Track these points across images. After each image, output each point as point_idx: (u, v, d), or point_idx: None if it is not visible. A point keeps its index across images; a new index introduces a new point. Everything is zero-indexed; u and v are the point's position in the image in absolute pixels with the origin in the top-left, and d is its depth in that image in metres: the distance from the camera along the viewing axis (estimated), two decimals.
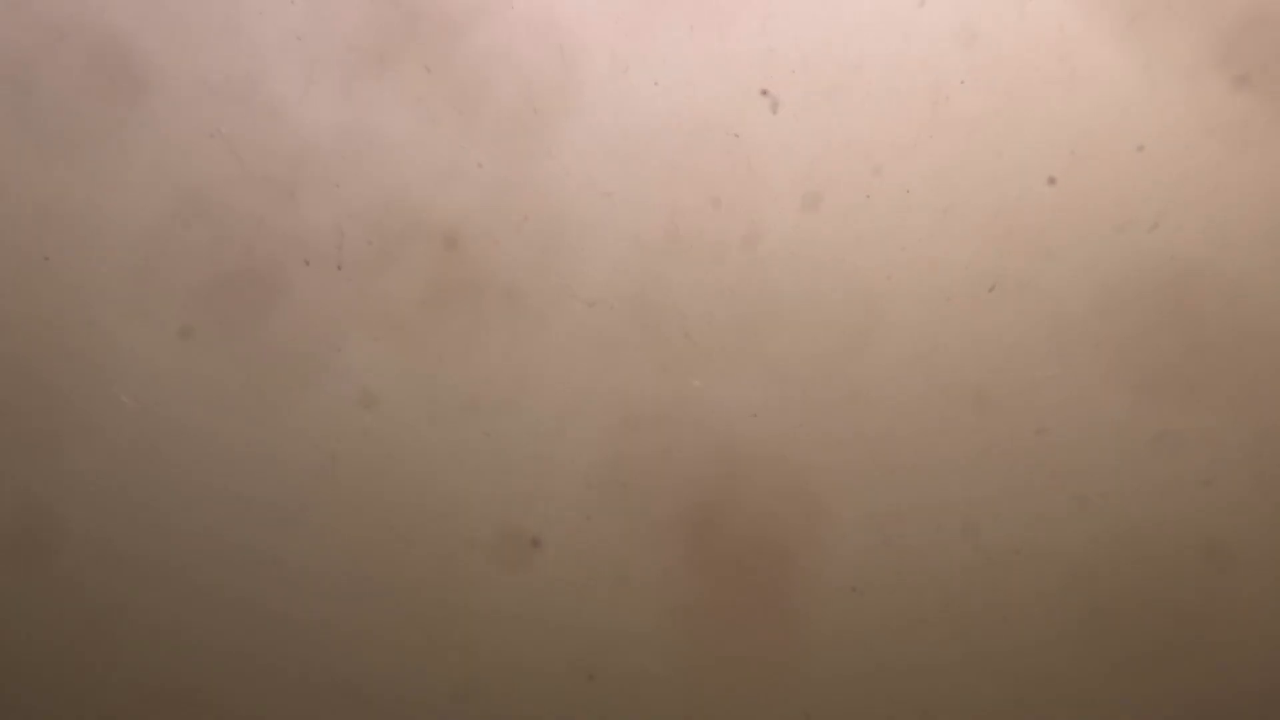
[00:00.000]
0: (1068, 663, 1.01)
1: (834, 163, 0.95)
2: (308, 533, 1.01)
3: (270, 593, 1.02)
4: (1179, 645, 1.00)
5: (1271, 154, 0.93)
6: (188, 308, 0.97)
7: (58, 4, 0.92)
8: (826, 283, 0.97)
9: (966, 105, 0.93)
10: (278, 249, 0.96)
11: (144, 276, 0.97)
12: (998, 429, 0.98)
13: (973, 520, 0.99)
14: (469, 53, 0.93)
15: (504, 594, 1.01)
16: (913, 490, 0.99)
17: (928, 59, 0.93)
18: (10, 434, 0.99)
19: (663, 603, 1.01)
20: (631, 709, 1.03)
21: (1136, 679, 1.01)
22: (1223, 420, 0.97)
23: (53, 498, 1.00)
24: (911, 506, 0.99)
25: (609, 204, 0.96)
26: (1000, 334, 0.97)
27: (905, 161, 0.95)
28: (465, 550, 1.01)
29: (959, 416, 0.98)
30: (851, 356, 0.97)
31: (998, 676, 1.01)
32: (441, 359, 0.98)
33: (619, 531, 1.00)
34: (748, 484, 1.00)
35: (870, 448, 0.99)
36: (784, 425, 0.99)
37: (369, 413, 0.99)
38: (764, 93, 0.93)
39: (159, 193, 0.95)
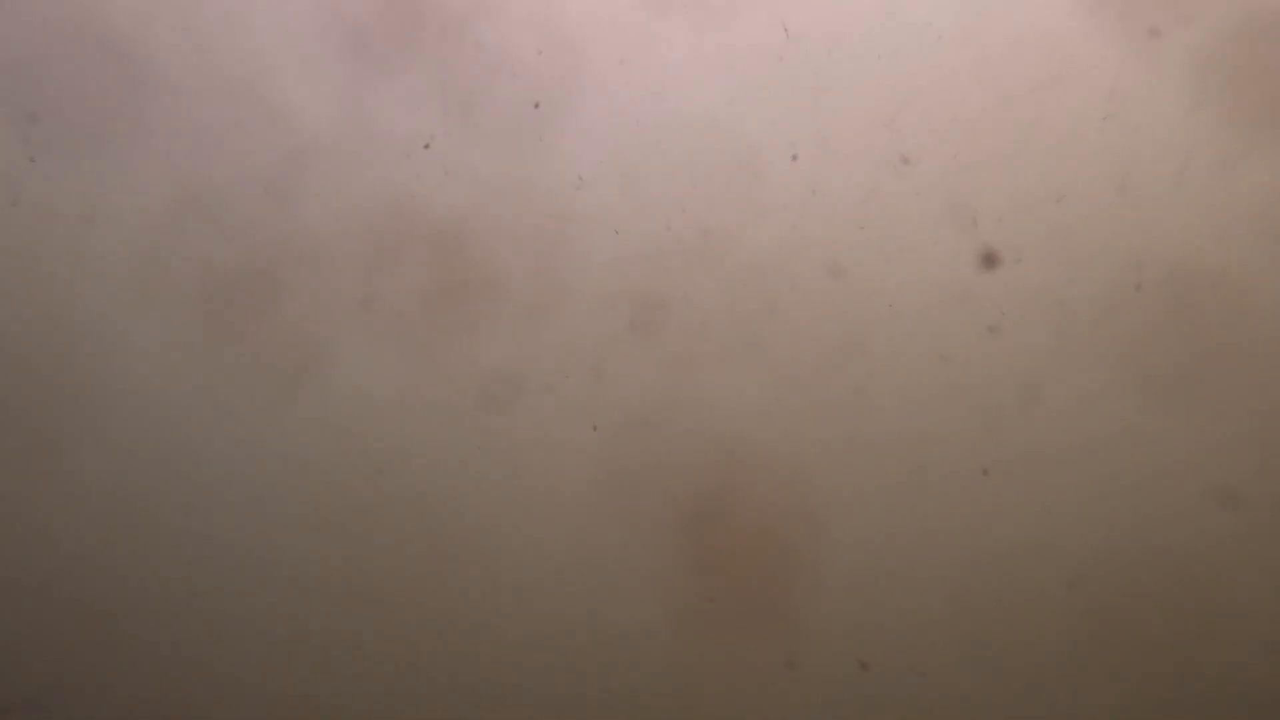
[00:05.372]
0: (1070, 666, 1.00)
1: (835, 163, 0.95)
2: (307, 531, 1.01)
3: (270, 592, 1.02)
4: (1182, 649, 1.00)
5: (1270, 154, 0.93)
6: (188, 308, 0.97)
7: (58, 4, 0.93)
8: (827, 282, 0.97)
9: (968, 105, 0.93)
10: (278, 249, 0.96)
11: (144, 276, 0.97)
12: (1001, 429, 0.98)
13: (975, 520, 0.99)
14: (469, 53, 0.93)
15: (503, 594, 1.01)
16: (914, 492, 0.99)
17: (933, 62, 0.93)
18: (10, 435, 0.99)
19: (663, 603, 1.01)
20: (631, 709, 1.02)
21: (1138, 682, 1.00)
22: (1226, 423, 0.97)
23: (53, 498, 1.00)
24: (913, 507, 0.99)
25: (609, 204, 0.96)
26: (1002, 334, 0.97)
27: (906, 163, 0.95)
28: (465, 550, 1.01)
29: (960, 417, 0.98)
30: (852, 356, 0.97)
31: (1000, 678, 1.01)
32: (441, 359, 0.98)
33: (619, 531, 1.00)
34: (748, 484, 1.00)
35: (871, 448, 0.98)
36: (784, 425, 0.98)
37: (369, 413, 0.99)
38: (768, 93, 0.93)
39: (159, 193, 0.95)
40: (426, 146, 0.95)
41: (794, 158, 0.95)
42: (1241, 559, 0.98)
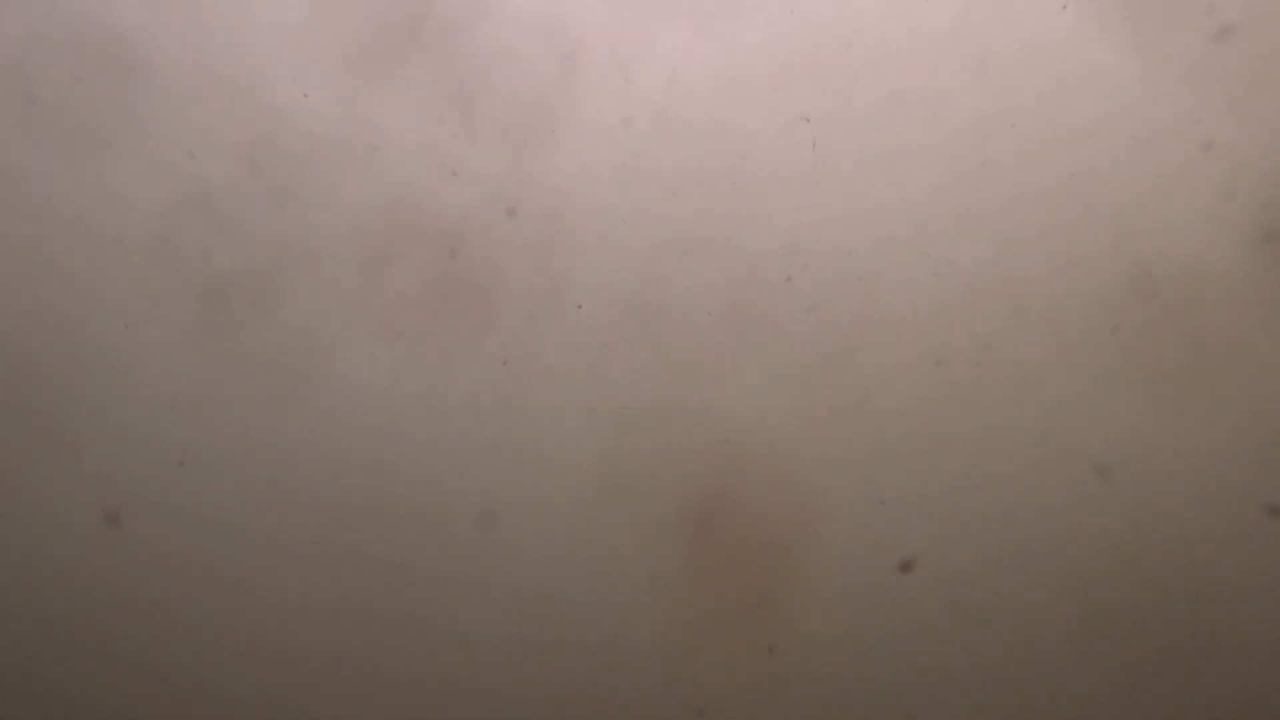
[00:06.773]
0: (1073, 663, 1.01)
1: (836, 165, 0.95)
2: (308, 530, 1.01)
3: (271, 588, 1.02)
4: (1183, 648, 1.00)
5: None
6: (189, 308, 0.97)
7: (58, 4, 0.93)
8: (825, 284, 0.97)
9: (970, 104, 0.93)
10: (278, 249, 0.96)
11: (145, 276, 0.97)
12: (1000, 431, 0.98)
13: (974, 521, 0.99)
14: (469, 53, 0.93)
15: (502, 593, 1.01)
16: (911, 493, 0.99)
17: (930, 60, 0.93)
18: (11, 434, 1.00)
19: (661, 601, 1.01)
20: (631, 705, 1.03)
21: (1141, 680, 1.00)
22: (1226, 422, 0.97)
23: (53, 496, 1.00)
24: (910, 509, 0.99)
25: (608, 204, 0.96)
26: (1001, 335, 0.97)
27: (908, 164, 0.94)
28: (465, 549, 1.01)
29: (960, 418, 0.98)
30: (849, 358, 0.97)
31: (999, 678, 1.01)
32: (441, 359, 0.98)
33: (617, 531, 1.00)
34: (745, 484, 1.00)
35: (868, 447, 0.99)
36: (780, 426, 0.98)
37: (369, 413, 0.99)
38: (766, 94, 0.93)
39: (160, 193, 0.95)
40: (426, 147, 0.95)
41: (796, 160, 0.95)
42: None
